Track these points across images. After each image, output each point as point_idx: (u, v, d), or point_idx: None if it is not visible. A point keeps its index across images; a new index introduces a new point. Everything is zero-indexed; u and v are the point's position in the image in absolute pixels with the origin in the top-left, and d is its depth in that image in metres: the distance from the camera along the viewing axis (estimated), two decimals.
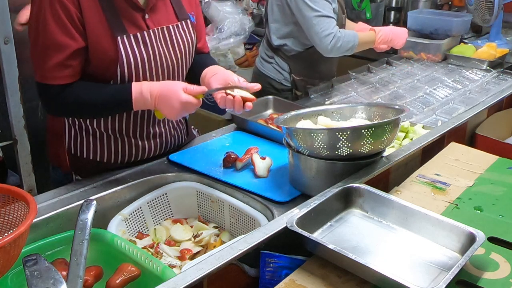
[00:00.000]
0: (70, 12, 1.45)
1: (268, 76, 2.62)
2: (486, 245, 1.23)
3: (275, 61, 2.59)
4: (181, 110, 1.49)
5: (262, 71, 2.65)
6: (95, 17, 1.48)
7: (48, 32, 1.46)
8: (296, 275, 1.16)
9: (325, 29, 2.31)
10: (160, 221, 1.62)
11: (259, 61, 2.71)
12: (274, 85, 2.61)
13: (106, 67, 1.53)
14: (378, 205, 1.36)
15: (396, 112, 1.58)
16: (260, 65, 2.69)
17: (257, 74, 2.71)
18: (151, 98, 1.50)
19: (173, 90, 1.48)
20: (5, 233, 1.11)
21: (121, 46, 1.51)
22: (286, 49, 2.54)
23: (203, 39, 1.84)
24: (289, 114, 1.66)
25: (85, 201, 1.19)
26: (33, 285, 0.98)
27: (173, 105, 1.48)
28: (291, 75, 2.58)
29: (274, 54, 2.59)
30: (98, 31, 1.49)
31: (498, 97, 2.35)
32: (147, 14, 1.58)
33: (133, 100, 1.51)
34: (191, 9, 1.73)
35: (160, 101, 1.50)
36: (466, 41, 3.25)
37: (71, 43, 1.47)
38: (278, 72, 2.60)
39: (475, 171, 1.63)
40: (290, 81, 2.59)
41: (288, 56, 2.55)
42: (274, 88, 2.61)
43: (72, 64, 1.49)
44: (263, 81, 2.56)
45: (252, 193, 1.55)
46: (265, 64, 2.65)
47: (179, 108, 1.48)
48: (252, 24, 4.09)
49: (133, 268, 1.21)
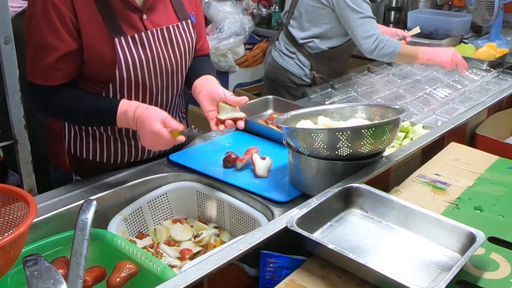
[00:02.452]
0: (62, 15, 1.44)
1: (289, 70, 2.74)
2: (486, 245, 1.23)
3: (297, 57, 2.71)
4: (152, 140, 1.45)
5: (282, 65, 2.75)
6: (90, 19, 1.47)
7: (39, 34, 1.45)
8: (296, 275, 1.16)
9: (368, 30, 2.41)
10: (160, 221, 1.62)
11: (278, 55, 2.79)
12: (294, 80, 2.73)
13: (104, 69, 1.52)
14: (378, 205, 1.36)
15: (396, 112, 1.58)
16: (280, 59, 2.78)
17: (275, 68, 2.80)
18: (133, 119, 1.47)
19: (150, 118, 1.44)
20: (5, 233, 1.11)
21: (119, 47, 1.50)
22: (311, 46, 2.65)
23: (203, 39, 1.83)
24: (289, 114, 1.66)
25: (85, 201, 1.20)
26: (33, 285, 0.99)
27: (145, 133, 1.46)
28: (312, 72, 2.69)
29: (296, 50, 2.70)
30: (94, 33, 1.48)
31: (498, 97, 2.35)
32: (145, 14, 1.56)
33: (118, 116, 1.49)
34: (191, 8, 1.72)
35: (138, 125, 1.47)
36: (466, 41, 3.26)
37: (61, 45, 1.45)
38: (300, 67, 2.71)
39: (475, 171, 1.63)
40: (311, 77, 2.70)
41: (311, 54, 2.66)
42: (293, 82, 2.74)
43: (61, 67, 1.48)
44: (283, 75, 2.75)
45: (252, 193, 1.55)
46: (286, 58, 2.75)
47: (150, 138, 1.45)
48: (252, 24, 4.09)
49: (131, 265, 1.22)
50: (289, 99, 2.64)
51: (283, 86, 2.77)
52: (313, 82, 2.70)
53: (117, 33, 1.50)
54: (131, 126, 1.50)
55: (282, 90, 2.77)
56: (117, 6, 1.51)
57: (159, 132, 1.43)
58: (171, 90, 1.67)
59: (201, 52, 1.81)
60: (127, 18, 1.53)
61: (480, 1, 3.01)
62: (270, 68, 2.85)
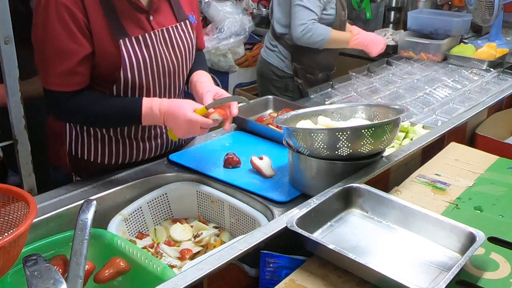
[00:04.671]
0: (77, 19, 1.45)
1: (271, 63, 2.83)
2: (486, 245, 1.23)
3: (278, 50, 2.79)
4: (187, 128, 1.50)
5: (266, 59, 2.86)
6: (98, 21, 1.48)
7: (56, 40, 1.45)
8: (296, 275, 1.16)
9: (301, 19, 2.52)
10: (160, 221, 1.62)
11: (263, 51, 2.92)
12: (277, 72, 2.82)
13: (110, 71, 1.53)
14: (378, 205, 1.36)
15: (396, 112, 1.58)
16: (264, 53, 2.90)
17: (261, 63, 2.93)
18: (160, 114, 1.51)
19: (181, 108, 1.50)
20: (5, 233, 1.11)
21: (124, 49, 1.51)
22: (288, 37, 2.71)
23: (200, 37, 1.84)
24: (289, 114, 1.66)
25: (85, 201, 1.20)
26: (33, 285, 0.99)
27: (179, 123, 1.50)
28: (293, 63, 2.77)
29: (277, 43, 2.79)
30: (101, 36, 1.49)
31: (498, 97, 2.36)
32: (151, 15, 1.58)
33: (143, 115, 1.52)
34: (191, 9, 1.73)
35: (168, 118, 1.51)
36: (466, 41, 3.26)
37: (80, 49, 1.47)
38: (281, 60, 2.79)
39: (475, 171, 1.63)
40: (292, 68, 2.78)
41: (290, 44, 2.72)
42: (276, 75, 2.83)
43: (80, 71, 1.49)
44: (267, 69, 2.86)
45: (252, 193, 1.55)
46: (269, 52, 2.85)
47: (185, 127, 1.50)
48: (252, 24, 4.09)
49: (122, 263, 1.23)
50: (274, 92, 2.78)
51: (268, 79, 2.88)
52: (295, 73, 2.78)
53: (121, 35, 1.51)
54: (158, 122, 1.55)
55: (268, 83, 2.88)
56: (123, 7, 1.52)
57: (194, 119, 1.48)
58: (172, 90, 1.68)
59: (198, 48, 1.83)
60: (134, 19, 1.54)
61: (480, 1, 3.01)
62: (258, 64, 2.99)
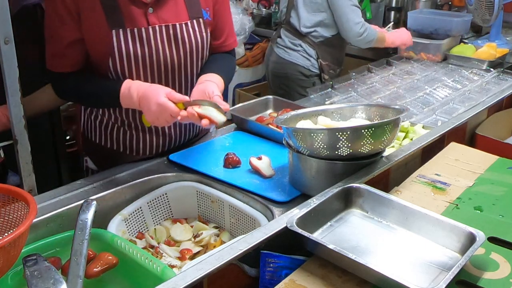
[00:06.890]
0: (67, 5, 1.50)
1: (297, 63, 2.88)
2: (486, 245, 1.23)
3: (303, 48, 2.86)
4: (156, 113, 1.45)
5: (289, 59, 2.90)
6: (91, 9, 1.51)
7: (48, 23, 1.56)
8: (296, 275, 1.16)
9: (356, 17, 2.67)
10: (160, 221, 1.62)
11: (283, 51, 2.94)
12: (303, 71, 2.89)
13: (100, 59, 1.56)
14: (378, 205, 1.36)
15: (396, 112, 1.58)
16: (285, 54, 2.92)
17: (280, 64, 2.95)
18: (136, 96, 1.50)
19: (155, 91, 1.46)
20: (5, 233, 1.11)
21: (115, 40, 1.52)
22: (315, 35, 2.82)
23: (227, 35, 1.78)
24: (289, 114, 1.66)
25: (85, 201, 1.20)
26: (33, 285, 0.99)
27: (150, 107, 1.46)
28: (318, 60, 2.84)
29: (301, 42, 2.85)
30: (93, 23, 1.52)
31: (498, 97, 2.36)
32: (151, 8, 1.56)
33: (121, 95, 1.53)
34: (206, 4, 1.68)
35: (142, 101, 1.49)
36: (466, 41, 3.25)
37: (66, 33, 1.54)
38: (306, 58, 2.87)
39: (475, 171, 1.63)
40: (318, 66, 2.85)
41: (316, 42, 2.83)
42: (303, 74, 2.90)
43: (69, 54, 1.56)
44: (290, 69, 2.90)
45: (252, 193, 1.55)
46: (291, 52, 2.89)
47: (155, 110, 1.44)
48: (252, 24, 4.09)
49: (110, 257, 1.23)
50: (300, 91, 2.82)
51: (292, 80, 2.90)
52: (321, 70, 2.85)
53: (117, 26, 1.52)
54: (135, 105, 1.52)
55: (292, 84, 2.90)
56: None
57: (164, 104, 1.43)
58: (172, 88, 1.67)
59: (224, 49, 1.79)
60: (130, 12, 1.54)
61: (480, 1, 3.01)
62: (276, 65, 2.98)
